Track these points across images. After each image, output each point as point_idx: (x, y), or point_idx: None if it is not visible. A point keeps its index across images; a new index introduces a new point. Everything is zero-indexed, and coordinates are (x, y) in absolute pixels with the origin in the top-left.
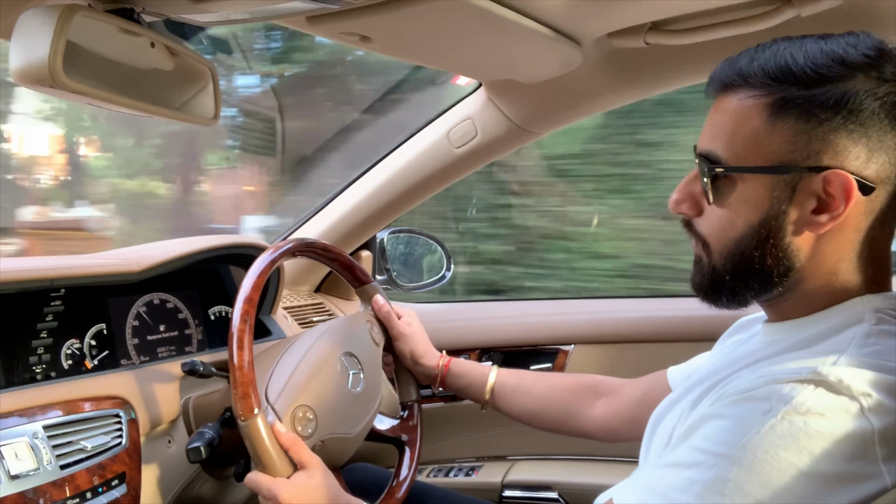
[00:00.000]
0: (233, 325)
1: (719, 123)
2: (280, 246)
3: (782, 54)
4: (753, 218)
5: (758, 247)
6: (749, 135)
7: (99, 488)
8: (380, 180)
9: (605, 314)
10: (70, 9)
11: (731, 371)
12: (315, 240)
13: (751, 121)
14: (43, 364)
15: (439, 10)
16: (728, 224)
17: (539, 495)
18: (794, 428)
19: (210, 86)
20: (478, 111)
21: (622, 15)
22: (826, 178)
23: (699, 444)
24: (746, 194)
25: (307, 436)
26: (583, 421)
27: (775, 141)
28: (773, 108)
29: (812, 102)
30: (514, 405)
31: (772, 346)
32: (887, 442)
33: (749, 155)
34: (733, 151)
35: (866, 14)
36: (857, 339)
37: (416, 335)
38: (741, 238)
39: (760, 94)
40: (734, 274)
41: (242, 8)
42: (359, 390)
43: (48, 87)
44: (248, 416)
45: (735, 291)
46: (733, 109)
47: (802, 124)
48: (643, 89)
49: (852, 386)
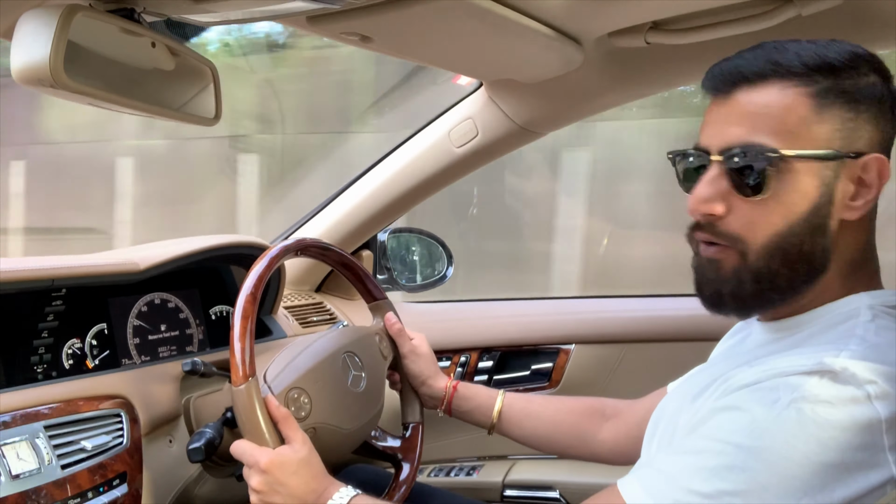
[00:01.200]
0: (234, 322)
1: (756, 115)
2: (282, 245)
3: (809, 47)
4: (804, 207)
5: (806, 237)
6: (799, 123)
7: (100, 488)
8: (381, 180)
9: (606, 314)
10: (71, 9)
11: (732, 367)
12: (317, 239)
13: (797, 109)
14: (44, 363)
15: (440, 9)
16: (771, 216)
17: (540, 495)
18: (803, 416)
19: (211, 86)
20: (479, 111)
21: (623, 14)
22: (866, 164)
23: (707, 433)
24: (796, 183)
25: (299, 418)
26: (594, 445)
27: (825, 128)
28: (819, 96)
29: (854, 89)
30: (523, 430)
31: (772, 343)
32: (893, 430)
33: (800, 142)
34: (783, 140)
35: (866, 13)
36: (857, 333)
37: (426, 356)
38: (789, 231)
39: (798, 84)
40: (777, 271)
41: (243, 8)
42: (359, 390)
43: (49, 88)
44: (241, 382)
45: (779, 290)
46: (772, 100)
47: (846, 111)
48: (644, 88)
49: (858, 375)
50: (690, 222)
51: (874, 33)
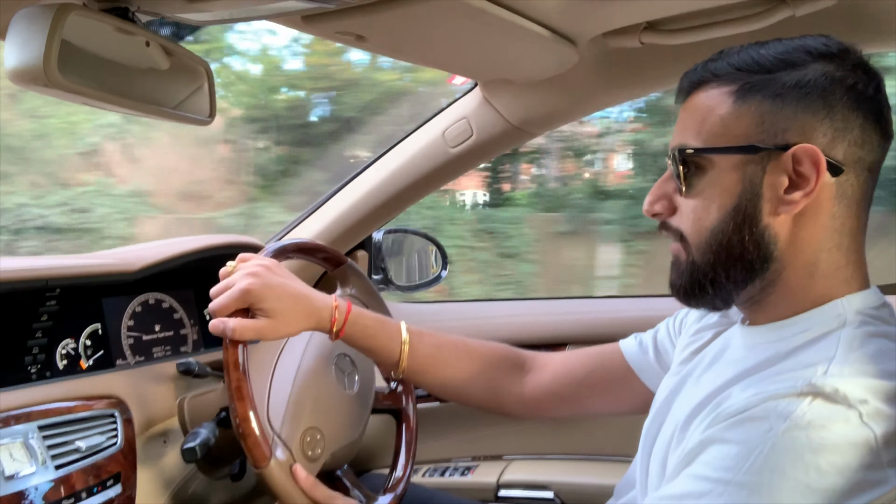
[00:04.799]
0: (235, 406)
1: (689, 118)
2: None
3: (748, 50)
4: (728, 202)
5: (735, 232)
6: (717, 121)
7: (94, 488)
8: (375, 180)
9: (601, 314)
10: (64, 8)
11: (720, 386)
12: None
13: (718, 109)
14: (38, 364)
15: (435, 9)
16: (703, 212)
17: (535, 494)
18: (798, 444)
19: (205, 85)
20: (473, 111)
21: (617, 15)
22: (795, 155)
23: (703, 472)
24: (719, 179)
25: (317, 456)
26: (508, 399)
27: (743, 123)
28: (738, 94)
29: (776, 83)
30: (433, 378)
31: (756, 353)
32: (890, 446)
33: (718, 140)
34: (703, 139)
35: (860, 14)
36: (843, 343)
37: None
38: (717, 225)
39: (724, 84)
40: (714, 265)
41: (237, 7)
42: (355, 390)
43: (43, 87)
44: (263, 464)
45: (717, 284)
46: (701, 102)
47: (768, 105)
48: (639, 89)
49: (848, 395)
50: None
51: (868, 33)
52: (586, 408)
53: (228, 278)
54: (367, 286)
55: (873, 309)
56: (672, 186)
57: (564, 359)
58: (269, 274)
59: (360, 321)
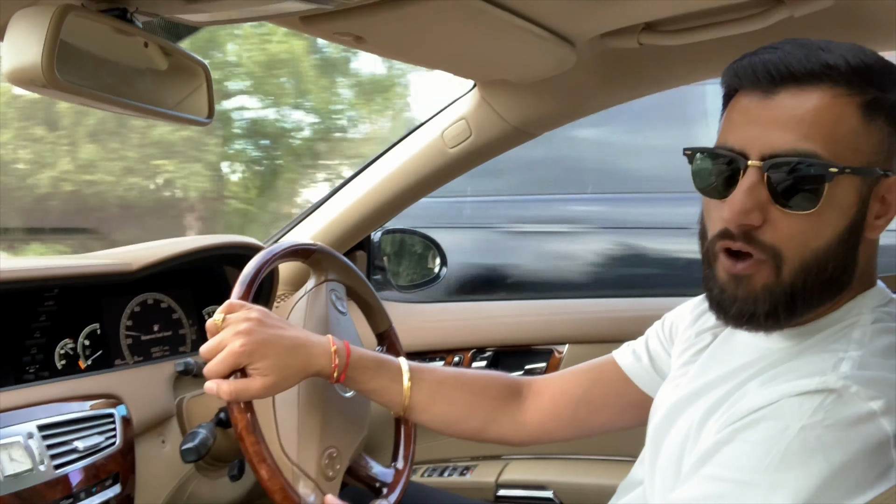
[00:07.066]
0: (246, 448)
1: (807, 121)
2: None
3: (853, 49)
4: (842, 224)
5: (839, 256)
6: (849, 134)
7: (92, 488)
8: (374, 181)
9: (599, 314)
10: (63, 9)
11: (736, 384)
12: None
13: (848, 120)
14: (36, 364)
15: (433, 9)
16: (813, 233)
17: (534, 494)
18: (812, 443)
19: (204, 85)
20: (472, 111)
21: (616, 15)
22: (892, 184)
23: (719, 473)
24: (839, 198)
25: (337, 473)
26: (510, 428)
27: (871, 142)
28: (867, 109)
29: (893, 104)
30: (432, 416)
31: (768, 352)
32: None
33: (850, 156)
34: (834, 151)
35: (857, 15)
36: (856, 341)
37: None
38: (826, 246)
39: (849, 93)
40: (805, 285)
41: (235, 7)
42: (354, 392)
43: (41, 88)
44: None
45: (806, 306)
46: (824, 106)
47: (888, 127)
48: (637, 89)
49: (861, 392)
50: (718, 230)
51: (865, 35)
52: (587, 426)
53: (218, 336)
54: (342, 265)
55: (883, 305)
56: (765, 195)
57: (560, 380)
58: (261, 328)
59: (361, 363)
